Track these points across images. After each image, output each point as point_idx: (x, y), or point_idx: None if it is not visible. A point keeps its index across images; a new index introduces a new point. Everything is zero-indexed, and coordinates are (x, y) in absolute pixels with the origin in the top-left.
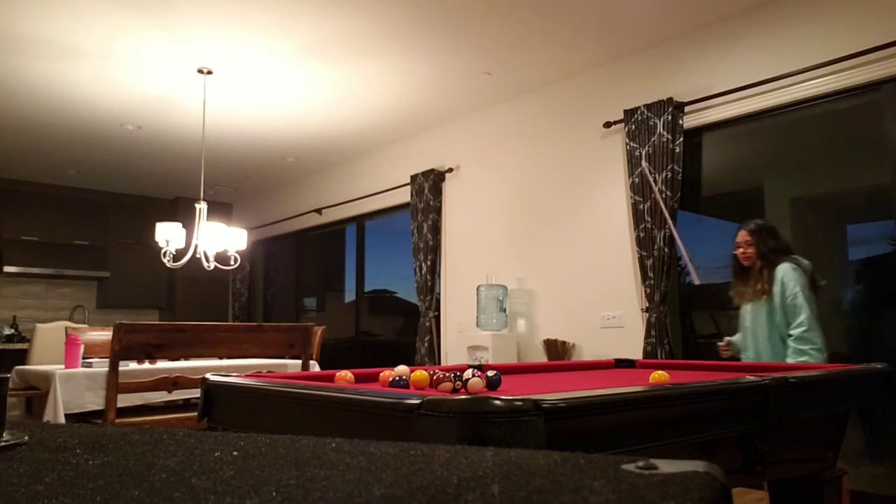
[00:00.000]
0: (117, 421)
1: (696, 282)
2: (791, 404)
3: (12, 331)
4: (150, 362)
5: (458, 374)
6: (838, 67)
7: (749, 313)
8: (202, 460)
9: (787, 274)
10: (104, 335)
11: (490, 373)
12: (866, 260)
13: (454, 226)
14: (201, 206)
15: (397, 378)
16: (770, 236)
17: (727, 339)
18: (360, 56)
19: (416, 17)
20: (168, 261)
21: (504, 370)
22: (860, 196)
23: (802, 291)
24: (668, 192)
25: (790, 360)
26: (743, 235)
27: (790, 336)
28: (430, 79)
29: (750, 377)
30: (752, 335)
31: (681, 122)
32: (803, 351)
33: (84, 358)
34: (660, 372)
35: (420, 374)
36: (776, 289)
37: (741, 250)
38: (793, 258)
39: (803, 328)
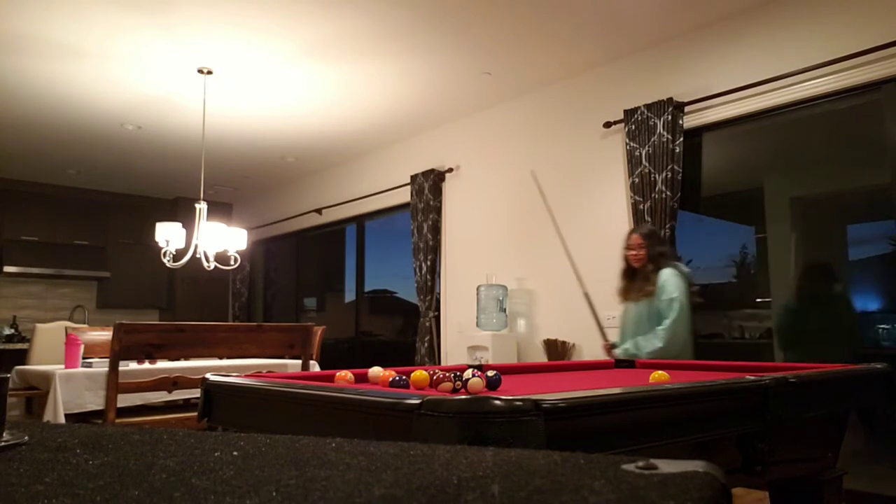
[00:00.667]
0: (117, 421)
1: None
2: (791, 404)
3: (12, 331)
4: (150, 362)
5: (458, 374)
6: (838, 67)
7: (632, 312)
8: (202, 460)
9: (669, 279)
10: (104, 335)
11: (490, 373)
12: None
13: (454, 226)
14: (201, 206)
15: (397, 378)
16: (659, 241)
17: (611, 341)
18: (360, 56)
19: (416, 17)
20: (168, 261)
21: (504, 370)
22: (860, 196)
23: (680, 297)
24: (669, 192)
25: (641, 343)
26: (636, 238)
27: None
28: (430, 79)
29: (750, 377)
30: (633, 333)
31: (681, 122)
32: (650, 343)
33: (84, 358)
34: (660, 372)
35: (420, 374)
36: (659, 291)
37: (633, 252)
38: (675, 264)
39: (663, 328)
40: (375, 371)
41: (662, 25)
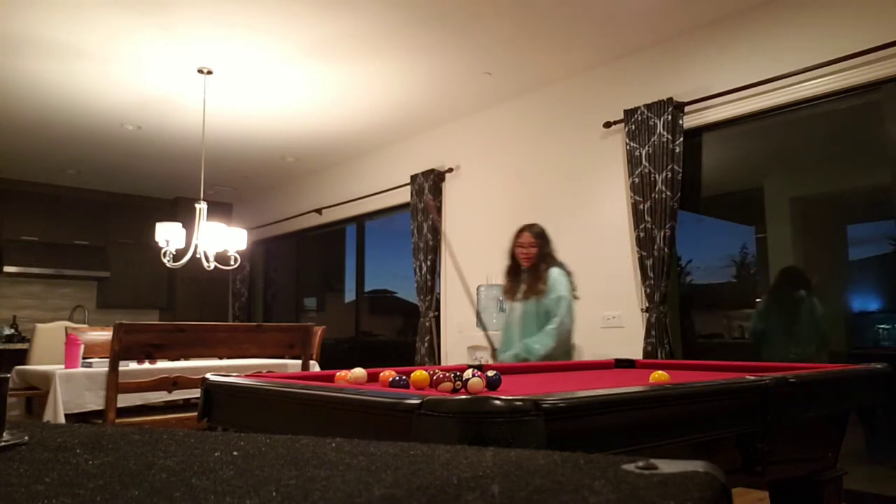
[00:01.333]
0: (117, 421)
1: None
2: (791, 404)
3: (12, 331)
4: (150, 362)
5: (458, 374)
6: (838, 67)
7: (519, 311)
8: (202, 460)
9: (558, 278)
10: (104, 335)
11: (490, 373)
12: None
13: (454, 226)
14: (201, 206)
15: (397, 378)
16: (548, 241)
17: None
18: (360, 56)
19: (416, 18)
20: (168, 261)
21: (504, 370)
22: (860, 196)
23: (567, 295)
24: (669, 192)
25: (532, 346)
26: (527, 237)
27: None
28: (430, 79)
29: (750, 377)
30: (521, 331)
31: (681, 122)
32: (542, 342)
33: (84, 358)
34: (660, 372)
35: (420, 374)
36: (548, 289)
37: (523, 251)
38: (561, 264)
39: (554, 326)
40: (357, 372)
41: (662, 25)
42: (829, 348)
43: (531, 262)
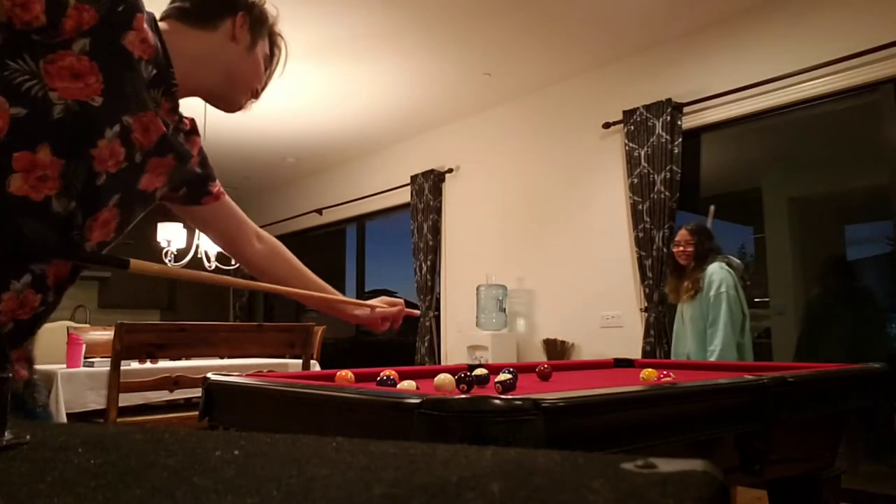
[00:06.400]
0: (119, 420)
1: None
2: (789, 403)
3: None
4: (152, 362)
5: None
6: (836, 68)
7: (686, 312)
8: (203, 459)
9: (715, 272)
10: (106, 335)
11: (505, 377)
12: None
13: (454, 226)
14: None
15: (384, 377)
16: (708, 237)
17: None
18: (360, 57)
19: (417, 19)
20: (169, 261)
21: (504, 370)
22: (858, 196)
23: (728, 291)
24: (667, 193)
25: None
26: (684, 234)
27: (707, 334)
28: (430, 79)
29: (748, 377)
30: (691, 333)
31: (679, 122)
32: (713, 352)
33: (86, 357)
34: (649, 370)
35: (445, 377)
36: (705, 287)
37: (681, 248)
38: (724, 257)
39: (717, 330)
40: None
41: (661, 26)
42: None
43: (688, 260)
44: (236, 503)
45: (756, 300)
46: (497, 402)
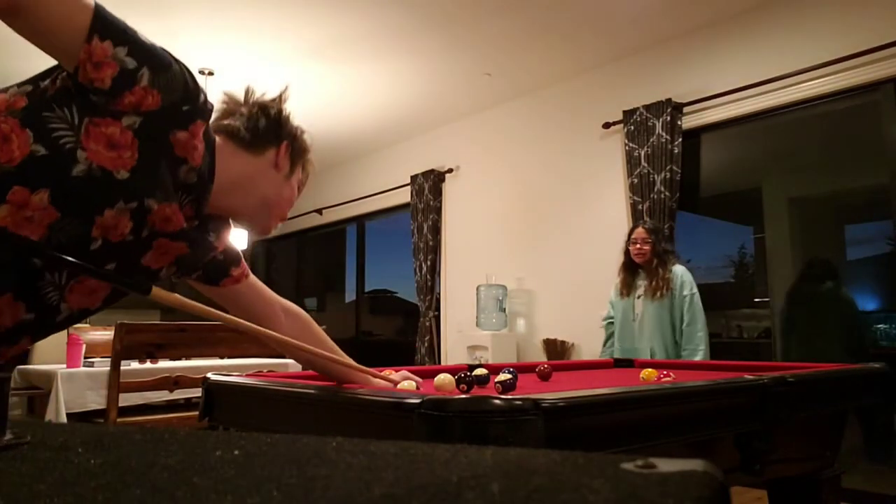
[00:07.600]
0: (119, 420)
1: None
2: (789, 403)
3: None
4: (152, 362)
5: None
6: (836, 68)
7: (646, 310)
8: (203, 459)
9: (685, 273)
10: (106, 335)
11: (504, 377)
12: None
13: (454, 226)
14: None
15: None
16: (664, 238)
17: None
18: (360, 57)
19: (416, 19)
20: None
21: (504, 370)
22: (858, 196)
23: (696, 293)
24: (667, 193)
25: (686, 356)
26: (641, 233)
27: (685, 333)
28: (430, 79)
29: (748, 377)
30: (649, 330)
31: (679, 122)
32: (698, 349)
33: (86, 357)
34: (649, 370)
35: (445, 378)
36: (676, 288)
37: (638, 246)
38: (682, 261)
39: (698, 330)
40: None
41: (661, 26)
42: (860, 344)
43: (645, 258)
44: (236, 503)
45: (756, 300)
46: (497, 402)
